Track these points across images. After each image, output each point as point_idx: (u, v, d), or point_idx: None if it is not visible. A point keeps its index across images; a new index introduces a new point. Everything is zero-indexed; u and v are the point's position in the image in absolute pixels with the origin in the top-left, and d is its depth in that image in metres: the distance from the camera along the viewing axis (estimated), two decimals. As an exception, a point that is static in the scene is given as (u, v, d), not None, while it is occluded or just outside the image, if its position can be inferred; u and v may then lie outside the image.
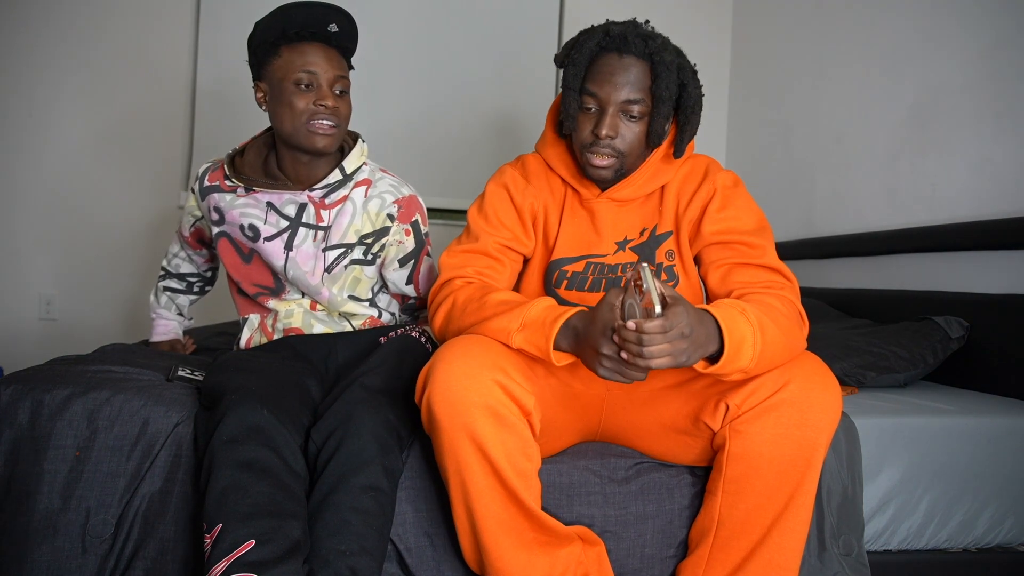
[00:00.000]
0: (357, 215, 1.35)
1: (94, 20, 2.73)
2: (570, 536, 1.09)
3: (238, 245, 1.37)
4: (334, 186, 1.34)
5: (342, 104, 1.27)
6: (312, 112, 1.23)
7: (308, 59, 1.24)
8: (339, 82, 1.26)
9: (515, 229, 1.28)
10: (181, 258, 1.58)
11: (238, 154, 1.38)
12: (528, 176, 1.31)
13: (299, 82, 1.23)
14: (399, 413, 1.13)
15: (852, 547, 1.22)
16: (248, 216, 1.34)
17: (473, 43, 3.03)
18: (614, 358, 0.98)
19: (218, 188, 1.36)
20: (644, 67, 1.15)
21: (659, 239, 1.26)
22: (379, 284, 1.46)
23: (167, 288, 1.59)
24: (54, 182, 2.74)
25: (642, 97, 1.15)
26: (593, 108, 1.17)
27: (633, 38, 1.14)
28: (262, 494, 0.97)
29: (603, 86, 1.15)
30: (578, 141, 1.20)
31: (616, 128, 1.16)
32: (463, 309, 1.15)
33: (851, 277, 2.29)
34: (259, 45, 1.27)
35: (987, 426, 1.36)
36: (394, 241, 1.39)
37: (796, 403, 1.02)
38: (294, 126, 1.25)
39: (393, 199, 1.36)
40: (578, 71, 1.17)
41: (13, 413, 1.12)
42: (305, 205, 1.34)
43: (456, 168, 3.03)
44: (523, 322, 1.06)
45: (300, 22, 1.23)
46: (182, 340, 1.59)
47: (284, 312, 1.38)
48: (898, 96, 2.15)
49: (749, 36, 3.10)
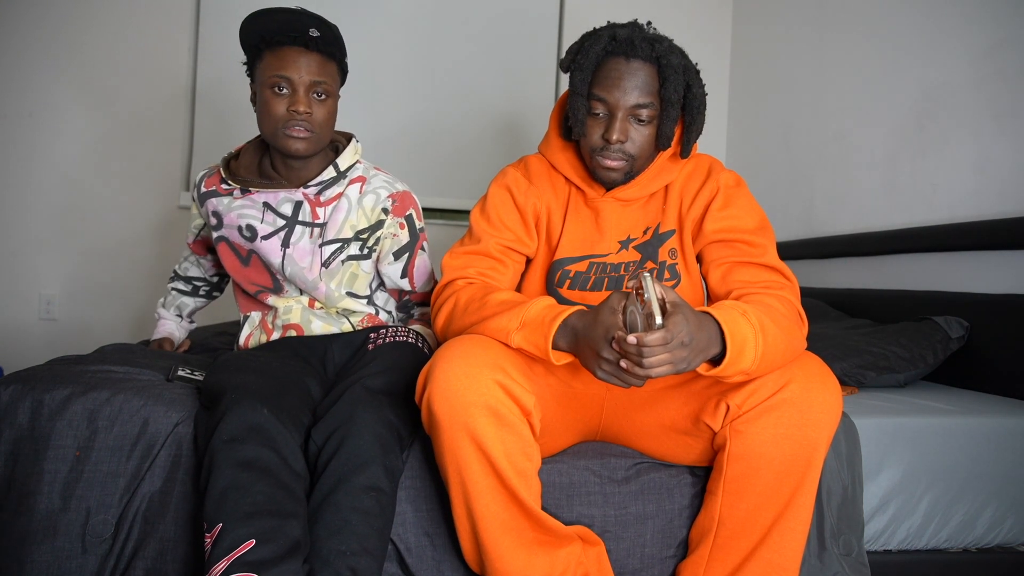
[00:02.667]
0: (352, 211, 1.37)
1: (93, 20, 2.73)
2: (570, 536, 1.09)
3: (236, 248, 1.39)
4: (328, 183, 1.36)
5: (319, 109, 1.27)
6: (287, 117, 1.25)
7: (285, 63, 1.25)
8: (317, 87, 1.27)
9: (517, 230, 1.29)
10: (191, 262, 1.61)
11: (233, 157, 1.41)
12: (531, 177, 1.31)
13: (275, 86, 1.25)
14: (400, 413, 1.13)
15: (852, 547, 1.22)
16: (245, 217, 1.35)
17: (473, 44, 3.03)
18: (613, 362, 0.98)
19: (215, 192, 1.39)
20: (652, 70, 1.16)
21: (662, 237, 1.27)
22: (376, 281, 1.47)
23: (173, 288, 1.62)
24: (54, 182, 2.74)
25: (651, 101, 1.16)
26: (602, 113, 1.18)
27: (640, 42, 1.14)
28: (262, 494, 0.97)
29: (612, 91, 1.15)
30: (588, 145, 1.21)
31: (626, 132, 1.17)
32: (464, 309, 1.16)
33: (851, 277, 2.29)
34: (246, 48, 1.30)
35: (987, 426, 1.36)
36: (388, 234, 1.41)
37: (797, 403, 1.02)
38: (272, 129, 1.28)
39: (387, 194, 1.39)
40: (585, 76, 1.17)
41: (13, 413, 1.12)
42: (301, 203, 1.36)
43: (456, 168, 3.03)
44: (522, 321, 1.06)
45: (277, 28, 1.25)
46: (172, 339, 1.59)
47: (283, 308, 1.40)
48: (898, 96, 2.15)
49: (749, 36, 3.10)
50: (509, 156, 2.97)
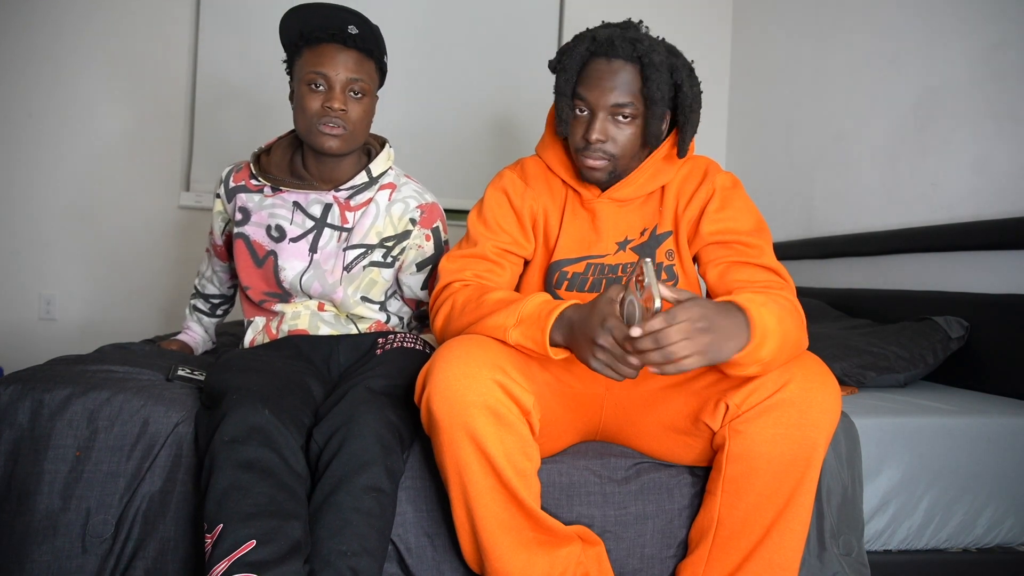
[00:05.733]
0: (380, 217, 1.37)
1: (93, 21, 2.73)
2: (570, 536, 1.09)
3: (254, 248, 1.37)
4: (360, 187, 1.35)
5: (354, 107, 1.26)
6: (321, 113, 1.24)
7: (321, 60, 1.24)
8: (354, 84, 1.26)
9: (514, 233, 1.29)
10: (207, 278, 1.60)
11: (264, 152, 1.39)
12: (527, 179, 1.32)
13: (311, 83, 1.24)
14: (401, 414, 1.13)
15: (852, 547, 1.22)
16: (276, 217, 1.35)
17: (473, 44, 3.03)
18: (607, 350, 0.96)
19: (244, 188, 1.37)
20: (633, 70, 1.16)
21: (659, 239, 1.27)
22: (392, 289, 1.46)
23: (195, 308, 1.62)
24: (54, 182, 2.74)
25: (631, 100, 1.16)
26: (584, 112, 1.19)
27: (620, 42, 1.15)
28: (263, 494, 0.97)
29: (592, 91, 1.17)
30: (572, 144, 1.23)
31: (606, 132, 1.18)
32: (462, 310, 1.16)
33: (851, 277, 2.29)
34: (286, 46, 1.29)
35: (987, 426, 1.36)
36: (414, 245, 1.40)
37: (796, 403, 1.02)
38: (306, 126, 1.26)
39: (416, 204, 1.39)
40: (570, 77, 1.19)
41: (13, 413, 1.12)
42: (331, 206, 1.35)
43: (455, 169, 3.04)
44: (519, 317, 1.06)
45: (317, 23, 1.24)
46: (195, 349, 1.59)
47: (291, 314, 1.38)
48: (898, 96, 2.15)
49: (749, 36, 3.10)
50: (507, 156, 2.97)
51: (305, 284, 1.35)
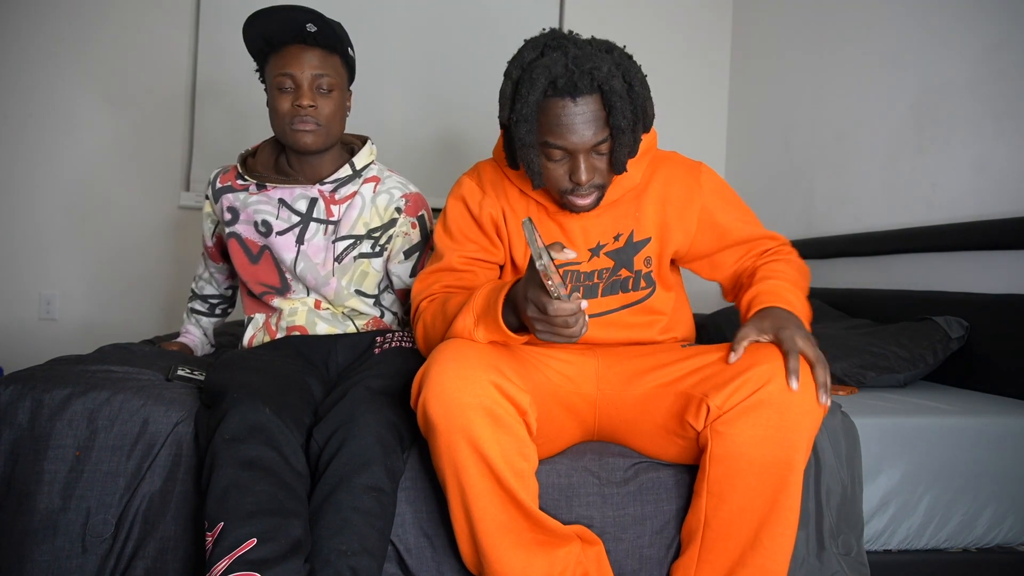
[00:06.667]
0: (366, 208, 1.40)
1: (93, 19, 2.73)
2: (568, 536, 1.08)
3: (247, 245, 1.40)
4: (343, 180, 1.38)
5: (324, 103, 1.30)
6: (293, 113, 1.28)
7: (286, 61, 1.28)
8: (321, 80, 1.29)
9: (479, 241, 1.28)
10: (205, 279, 1.62)
11: (250, 155, 1.43)
12: (484, 186, 1.29)
13: (280, 85, 1.29)
14: (401, 413, 1.13)
15: (851, 547, 1.22)
16: (261, 212, 1.38)
17: (472, 46, 3.03)
18: (543, 319, 0.96)
19: (230, 188, 1.41)
20: (598, 100, 1.08)
21: (637, 246, 1.26)
22: (385, 282, 1.48)
23: (193, 310, 1.63)
24: (54, 183, 2.74)
25: (606, 134, 1.10)
26: (560, 157, 1.12)
27: (579, 78, 1.05)
28: (264, 493, 0.97)
29: (567, 137, 1.08)
30: (555, 188, 1.16)
31: (592, 169, 1.13)
32: (432, 326, 1.17)
33: (851, 277, 2.29)
34: (254, 55, 1.33)
35: (987, 426, 1.36)
36: (400, 232, 1.43)
37: (775, 403, 1.02)
38: (281, 127, 1.31)
39: (401, 194, 1.43)
40: (531, 127, 1.09)
41: (13, 413, 1.12)
42: (316, 200, 1.38)
43: (456, 168, 3.03)
44: (476, 316, 1.06)
45: (276, 28, 1.27)
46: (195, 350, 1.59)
47: (288, 310, 1.41)
48: (898, 96, 2.15)
49: (749, 35, 3.10)
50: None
51: (300, 272, 1.38)
